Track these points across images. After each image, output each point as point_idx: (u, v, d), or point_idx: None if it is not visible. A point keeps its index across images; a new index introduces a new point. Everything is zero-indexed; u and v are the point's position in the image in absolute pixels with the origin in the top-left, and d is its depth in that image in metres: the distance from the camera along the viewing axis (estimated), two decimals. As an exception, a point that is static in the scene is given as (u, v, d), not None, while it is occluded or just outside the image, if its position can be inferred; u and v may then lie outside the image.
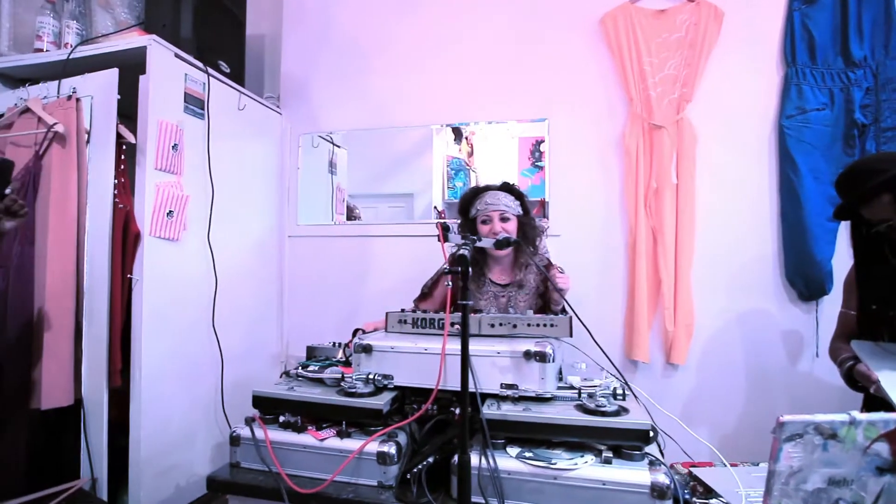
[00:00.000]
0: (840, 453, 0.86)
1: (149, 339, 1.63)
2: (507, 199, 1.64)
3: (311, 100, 2.44)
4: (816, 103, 1.85)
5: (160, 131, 1.66)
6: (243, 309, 2.11)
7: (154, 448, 1.64)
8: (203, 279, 1.87)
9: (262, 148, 2.29)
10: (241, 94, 2.09)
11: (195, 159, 1.82)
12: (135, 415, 1.61)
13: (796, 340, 1.91)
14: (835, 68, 1.86)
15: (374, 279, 2.32)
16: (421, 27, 2.31)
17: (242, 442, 1.18)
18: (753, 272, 1.93)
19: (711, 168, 1.96)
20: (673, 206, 1.95)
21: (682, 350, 1.93)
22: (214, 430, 1.90)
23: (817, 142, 1.84)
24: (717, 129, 1.96)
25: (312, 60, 2.44)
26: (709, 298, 1.95)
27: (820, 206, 1.82)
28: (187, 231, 1.78)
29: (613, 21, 2.06)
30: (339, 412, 1.16)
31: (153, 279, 1.65)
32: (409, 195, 2.38)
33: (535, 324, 1.30)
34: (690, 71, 1.96)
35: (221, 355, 1.91)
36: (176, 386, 1.74)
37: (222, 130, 1.95)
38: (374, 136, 2.38)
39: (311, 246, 2.42)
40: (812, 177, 1.83)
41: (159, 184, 1.67)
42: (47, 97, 1.66)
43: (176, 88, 1.75)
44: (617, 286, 2.05)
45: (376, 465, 1.09)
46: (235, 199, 2.06)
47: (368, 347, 1.25)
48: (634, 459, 1.00)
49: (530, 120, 2.18)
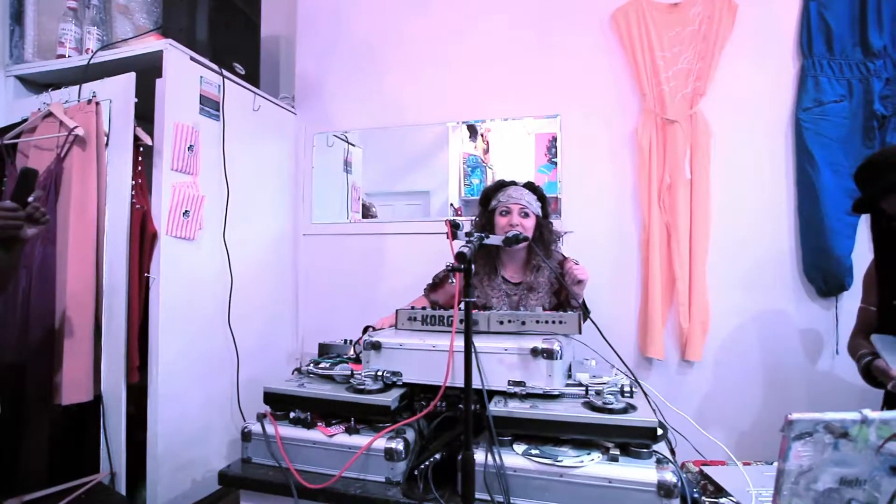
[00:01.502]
0: (852, 452, 0.84)
1: (165, 336, 1.67)
2: (529, 197, 1.64)
3: (326, 99, 2.47)
4: (834, 95, 1.80)
5: (176, 133, 1.70)
6: (258, 307, 2.14)
7: (171, 443, 1.68)
8: (218, 278, 1.90)
9: (277, 148, 2.33)
10: (255, 95, 2.13)
11: (210, 160, 1.86)
12: (152, 411, 1.65)
13: (815, 338, 1.86)
14: (853, 59, 1.81)
15: (388, 277, 2.33)
16: (433, 25, 2.32)
17: (254, 438, 1.20)
18: (770, 268, 1.89)
19: (726, 162, 1.92)
20: (687, 201, 1.91)
21: (698, 347, 1.90)
22: (230, 425, 1.94)
23: (835, 134, 1.79)
24: (731, 123, 1.92)
25: (326, 60, 2.46)
26: (724, 295, 1.92)
27: (839, 199, 1.77)
28: (203, 230, 1.81)
29: (625, 16, 2.03)
30: (348, 409, 1.17)
31: (170, 278, 1.68)
32: (425, 193, 2.38)
33: (543, 321, 1.30)
34: (704, 65, 1.93)
35: (237, 352, 1.94)
36: (192, 382, 1.78)
37: (237, 131, 1.99)
38: (389, 135, 2.39)
39: (326, 244, 2.44)
40: (831, 170, 1.78)
41: (175, 184, 1.71)
42: (68, 101, 1.72)
43: (191, 91, 1.79)
44: (630, 283, 2.02)
45: (384, 462, 1.10)
46: (250, 199, 2.10)
47: (377, 344, 1.26)
48: (642, 457, 0.99)
49: (542, 116, 2.17)
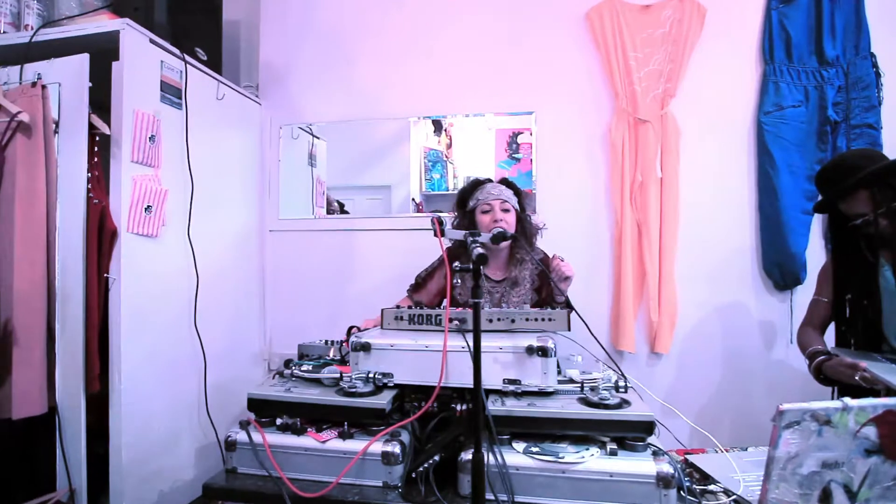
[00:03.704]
0: (833, 438, 0.90)
1: (128, 340, 1.55)
2: (507, 192, 1.65)
3: (292, 90, 2.36)
4: (793, 100, 1.92)
5: (136, 121, 1.57)
6: (225, 306, 2.04)
7: (136, 454, 1.57)
8: (183, 276, 1.79)
9: (242, 139, 2.21)
10: (219, 83, 2.00)
11: (173, 151, 1.74)
12: (114, 420, 1.53)
13: (771, 328, 1.99)
14: (809, 67, 1.93)
15: (357, 274, 2.28)
16: (406, 17, 2.26)
17: (239, 447, 1.14)
18: (733, 263, 2.00)
19: (694, 162, 2.01)
20: (658, 199, 1.99)
21: (667, 340, 1.98)
22: (198, 432, 1.84)
23: (793, 137, 1.92)
24: (699, 124, 2.01)
25: (292, 49, 2.36)
26: (691, 289, 2.01)
27: (795, 199, 1.90)
28: (166, 227, 1.69)
29: (599, 15, 2.07)
30: (341, 413, 1.13)
31: (132, 278, 1.56)
32: (386, 187, 2.36)
33: (533, 318, 1.32)
34: (674, 66, 2.00)
35: (204, 355, 1.84)
36: (157, 388, 1.67)
37: (201, 121, 1.86)
38: (353, 128, 2.34)
39: (293, 240, 2.36)
40: (788, 171, 1.91)
41: (136, 177, 1.58)
42: (8, 83, 1.54)
43: (152, 76, 1.65)
44: (603, 278, 2.08)
45: (381, 466, 1.07)
46: (215, 193, 1.98)
47: (367, 346, 1.23)
48: (637, 450, 1.02)
49: (518, 112, 2.18)
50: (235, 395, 2.11)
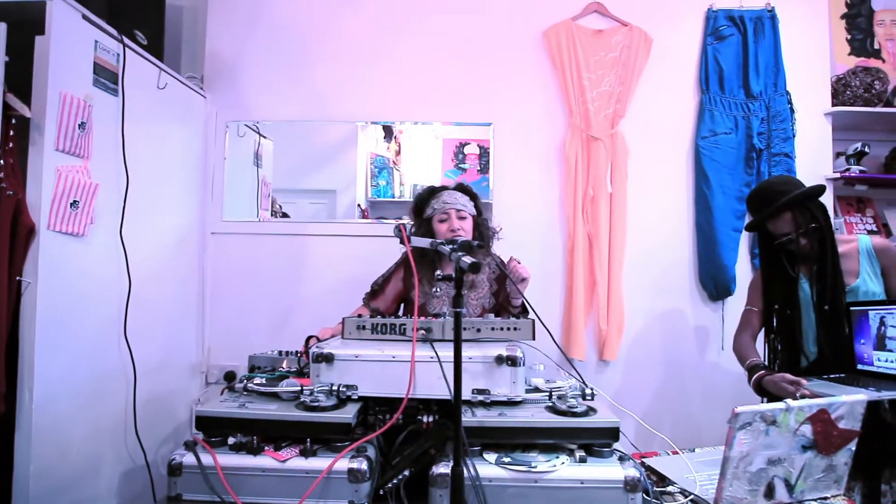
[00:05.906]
0: (777, 437, 0.99)
1: (43, 353, 1.36)
2: (463, 199, 1.65)
3: (239, 84, 2.23)
4: (725, 127, 2.11)
5: (63, 105, 1.39)
6: (160, 314, 1.86)
7: (47, 485, 1.37)
8: (113, 281, 1.61)
9: (184, 134, 2.04)
10: (161, 70, 1.84)
11: (106, 141, 1.56)
12: (22, 447, 1.32)
13: (705, 335, 2.16)
14: (738, 99, 2.14)
15: (304, 281, 2.19)
16: (362, 21, 2.23)
17: (185, 470, 1.03)
18: (673, 275, 2.15)
19: (640, 179, 2.14)
20: (607, 213, 2.10)
21: (614, 347, 2.08)
22: (124, 455, 1.65)
23: (725, 161, 2.10)
24: (645, 145, 2.15)
25: (242, 41, 2.23)
26: (636, 299, 2.13)
27: (727, 217, 2.08)
28: (95, 225, 1.52)
29: (556, 36, 2.15)
30: (304, 429, 1.06)
31: (51, 282, 1.38)
32: (331, 192, 2.30)
33: (498, 328, 1.32)
34: (624, 89, 2.13)
35: (134, 369, 1.66)
36: (77, 408, 1.47)
37: (139, 110, 1.70)
38: (300, 129, 2.26)
39: (237, 244, 2.21)
40: (721, 192, 2.09)
41: (61, 168, 1.40)
42: None
43: (84, 56, 1.48)
44: (556, 287, 2.15)
45: (347, 484, 1.01)
46: (153, 190, 1.81)
47: (329, 356, 1.16)
48: (604, 456, 1.05)
49: (476, 123, 2.21)
50: (168, 412, 1.93)
